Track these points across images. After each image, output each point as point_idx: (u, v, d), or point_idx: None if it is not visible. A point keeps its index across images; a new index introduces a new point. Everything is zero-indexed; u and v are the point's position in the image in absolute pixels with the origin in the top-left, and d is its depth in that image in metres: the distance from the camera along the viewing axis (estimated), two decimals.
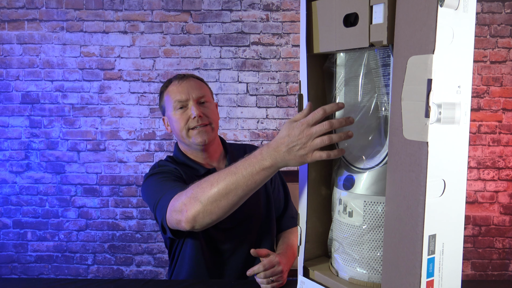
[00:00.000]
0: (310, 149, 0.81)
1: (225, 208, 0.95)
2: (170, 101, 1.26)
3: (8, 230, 2.66)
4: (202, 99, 1.27)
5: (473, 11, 0.66)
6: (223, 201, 0.94)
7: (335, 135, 0.80)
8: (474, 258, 2.62)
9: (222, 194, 0.93)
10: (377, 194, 0.78)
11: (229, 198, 0.93)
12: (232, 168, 0.93)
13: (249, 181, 0.90)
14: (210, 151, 1.31)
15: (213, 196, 0.94)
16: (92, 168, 2.64)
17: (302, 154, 0.82)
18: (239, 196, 0.93)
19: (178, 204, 1.01)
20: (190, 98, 1.25)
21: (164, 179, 1.18)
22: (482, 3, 2.51)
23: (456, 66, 0.65)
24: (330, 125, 0.79)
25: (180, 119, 1.24)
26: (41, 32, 2.58)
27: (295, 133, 0.82)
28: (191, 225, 0.99)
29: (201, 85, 1.30)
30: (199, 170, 1.27)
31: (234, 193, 0.92)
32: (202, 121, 1.24)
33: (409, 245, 0.65)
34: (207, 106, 1.28)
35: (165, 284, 1.20)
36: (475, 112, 2.54)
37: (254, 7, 2.57)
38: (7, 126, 2.62)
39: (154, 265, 2.68)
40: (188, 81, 1.28)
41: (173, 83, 1.28)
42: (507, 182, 2.57)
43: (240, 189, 0.92)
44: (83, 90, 2.61)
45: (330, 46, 0.80)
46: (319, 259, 0.94)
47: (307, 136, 0.81)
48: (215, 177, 0.95)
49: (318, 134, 0.80)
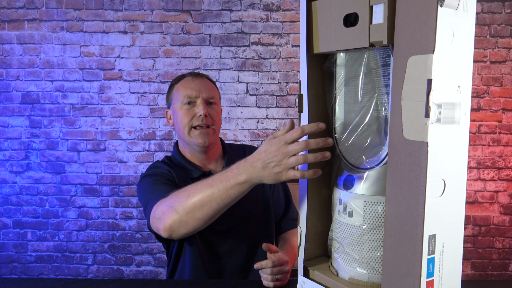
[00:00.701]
0: (285, 167, 0.82)
1: (201, 219, 0.96)
2: (180, 94, 1.27)
3: (8, 230, 2.66)
4: (211, 100, 1.28)
5: (473, 11, 0.66)
6: (198, 212, 0.95)
7: (310, 155, 0.80)
8: (474, 258, 2.62)
9: (197, 206, 0.94)
10: (377, 194, 0.78)
11: (204, 210, 0.94)
12: (209, 180, 0.94)
13: (223, 195, 0.91)
14: (208, 153, 1.31)
15: (189, 207, 0.95)
16: (92, 168, 2.64)
17: (277, 172, 0.83)
18: (214, 209, 0.94)
19: (158, 212, 1.03)
20: (200, 96, 1.25)
21: (155, 182, 1.19)
22: (482, 3, 2.51)
23: (456, 66, 0.65)
24: (306, 145, 0.79)
25: (185, 115, 1.25)
26: (41, 32, 2.58)
27: (272, 149, 0.82)
28: (168, 234, 1.00)
29: (213, 87, 1.31)
30: (193, 173, 1.28)
31: (209, 206, 0.94)
32: (207, 121, 1.24)
33: (409, 245, 0.65)
34: (214, 108, 1.29)
35: (165, 284, 1.20)
36: (475, 112, 2.54)
37: (254, 7, 2.57)
38: (7, 126, 2.62)
39: (154, 265, 2.68)
40: (202, 80, 1.29)
41: (186, 79, 1.29)
42: (507, 182, 2.57)
43: (215, 202, 0.93)
44: (83, 90, 2.61)
45: (330, 46, 0.80)
46: (319, 259, 0.94)
47: (283, 153, 0.81)
48: (192, 188, 0.97)
49: (293, 152, 0.80)
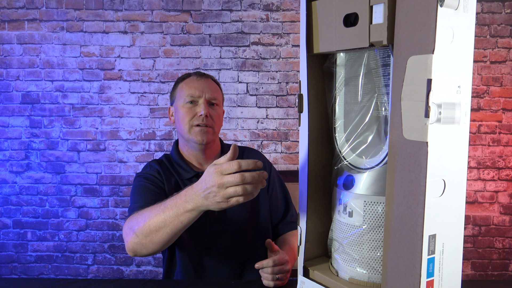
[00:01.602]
0: (224, 198, 0.83)
1: (159, 243, 0.99)
2: (183, 93, 1.28)
3: (8, 230, 2.66)
4: (213, 101, 1.29)
5: (473, 11, 0.66)
6: (155, 236, 0.98)
7: (249, 186, 0.82)
8: (474, 258, 2.62)
9: (153, 230, 0.97)
10: (377, 194, 0.78)
11: (160, 235, 0.97)
12: (162, 205, 0.97)
13: (175, 221, 0.94)
14: (206, 151, 1.32)
15: (146, 231, 0.98)
16: (92, 168, 2.64)
17: (218, 201, 0.85)
18: (169, 234, 0.96)
19: (124, 231, 1.07)
20: (203, 96, 1.27)
21: (141, 188, 1.23)
22: (482, 3, 2.51)
23: (456, 66, 0.65)
24: (241, 179, 0.81)
25: (187, 113, 1.26)
26: (41, 32, 2.58)
27: (209, 179, 0.84)
28: (132, 254, 1.05)
29: (217, 88, 1.33)
30: (186, 174, 1.29)
31: (163, 231, 0.96)
32: (207, 121, 1.26)
33: (409, 245, 0.65)
34: (216, 109, 1.30)
35: (165, 284, 1.20)
36: (475, 112, 2.54)
37: (254, 7, 2.57)
38: (7, 126, 2.62)
39: (154, 265, 2.68)
40: (206, 80, 1.31)
41: (192, 78, 1.31)
42: (507, 182, 2.57)
43: (168, 227, 0.95)
44: (83, 90, 2.61)
45: (330, 46, 0.80)
46: (319, 259, 0.94)
47: (219, 185, 0.82)
48: (149, 212, 1.00)
49: (229, 184, 0.82)
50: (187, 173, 1.29)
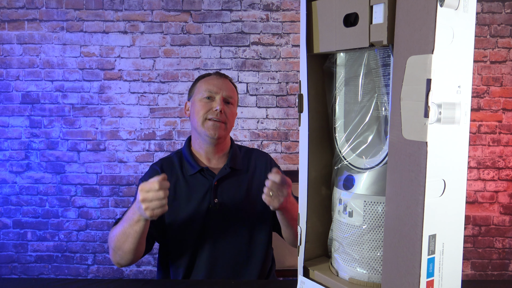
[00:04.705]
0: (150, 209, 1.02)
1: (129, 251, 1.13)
2: (202, 88, 1.34)
3: (8, 230, 2.66)
4: (230, 99, 1.35)
5: (473, 11, 0.66)
6: (125, 247, 1.12)
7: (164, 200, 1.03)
8: (474, 258, 2.62)
9: (121, 241, 1.12)
10: (377, 194, 0.78)
11: (126, 245, 1.11)
12: (123, 218, 1.13)
13: (131, 231, 1.09)
14: (217, 147, 1.35)
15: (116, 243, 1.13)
16: (92, 168, 2.64)
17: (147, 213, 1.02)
18: (131, 243, 1.11)
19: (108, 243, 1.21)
20: (220, 93, 1.32)
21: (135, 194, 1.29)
22: (482, 3, 2.51)
23: (456, 66, 0.65)
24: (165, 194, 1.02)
25: (203, 107, 1.31)
26: (41, 32, 2.58)
27: (138, 195, 1.02)
28: (118, 265, 1.20)
29: (233, 89, 1.39)
30: (190, 170, 1.33)
31: (128, 241, 1.11)
32: (221, 117, 1.30)
33: (409, 245, 0.65)
34: (230, 108, 1.35)
35: (165, 284, 1.20)
36: (475, 112, 2.54)
37: (254, 7, 2.57)
38: (7, 126, 2.62)
39: (154, 265, 2.68)
40: (225, 80, 1.38)
41: (212, 76, 1.38)
42: (507, 182, 2.57)
43: (130, 237, 1.10)
44: (83, 90, 2.61)
45: (330, 46, 0.80)
46: (319, 259, 0.94)
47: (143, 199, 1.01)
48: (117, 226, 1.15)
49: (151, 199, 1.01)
50: (192, 168, 1.32)
